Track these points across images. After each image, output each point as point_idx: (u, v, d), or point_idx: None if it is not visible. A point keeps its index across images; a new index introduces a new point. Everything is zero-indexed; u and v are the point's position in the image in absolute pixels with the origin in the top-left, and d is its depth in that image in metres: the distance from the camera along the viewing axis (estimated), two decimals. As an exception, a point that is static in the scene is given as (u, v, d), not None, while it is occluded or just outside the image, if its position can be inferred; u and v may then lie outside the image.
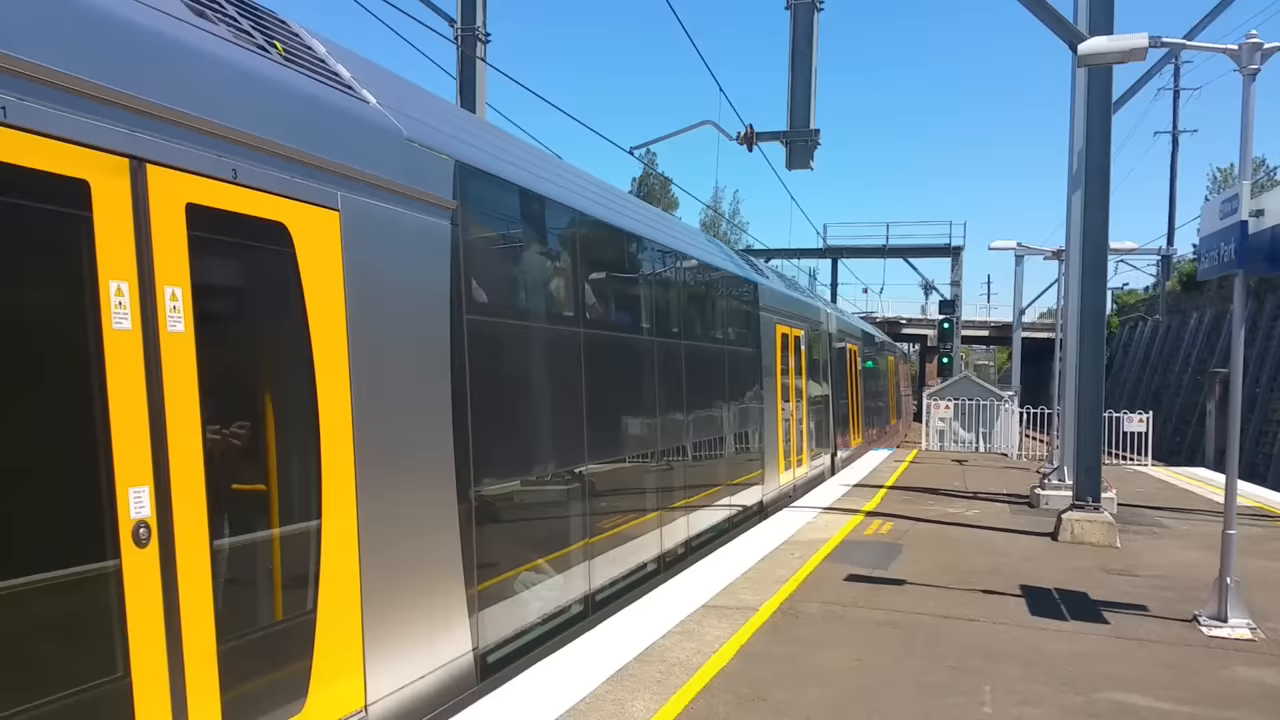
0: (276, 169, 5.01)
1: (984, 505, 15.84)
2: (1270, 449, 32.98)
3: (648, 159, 59.44)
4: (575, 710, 6.04)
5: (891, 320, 66.22)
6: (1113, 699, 6.53)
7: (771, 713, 6.13)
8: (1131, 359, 56.39)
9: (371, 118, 6.02)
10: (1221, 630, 8.28)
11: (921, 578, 10.00)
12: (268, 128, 4.97)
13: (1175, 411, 44.07)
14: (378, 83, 6.57)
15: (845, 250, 56.72)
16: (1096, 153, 12.85)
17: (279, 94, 5.20)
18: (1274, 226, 8.05)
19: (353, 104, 5.90)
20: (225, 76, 4.80)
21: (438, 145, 6.66)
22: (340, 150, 5.53)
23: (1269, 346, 35.55)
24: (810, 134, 17.75)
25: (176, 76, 4.47)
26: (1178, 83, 57.38)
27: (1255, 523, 14.30)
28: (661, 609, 8.60)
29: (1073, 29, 12.30)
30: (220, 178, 4.63)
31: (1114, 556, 11.53)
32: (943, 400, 30.08)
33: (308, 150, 5.24)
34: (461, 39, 15.80)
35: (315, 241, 5.27)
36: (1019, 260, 28.68)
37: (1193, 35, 15.61)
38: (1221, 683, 6.97)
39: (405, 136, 6.27)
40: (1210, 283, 40.33)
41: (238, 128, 4.75)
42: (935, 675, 6.95)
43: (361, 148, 5.75)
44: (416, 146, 6.36)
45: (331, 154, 5.43)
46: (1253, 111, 8.40)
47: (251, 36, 5.36)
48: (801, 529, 12.93)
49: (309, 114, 5.37)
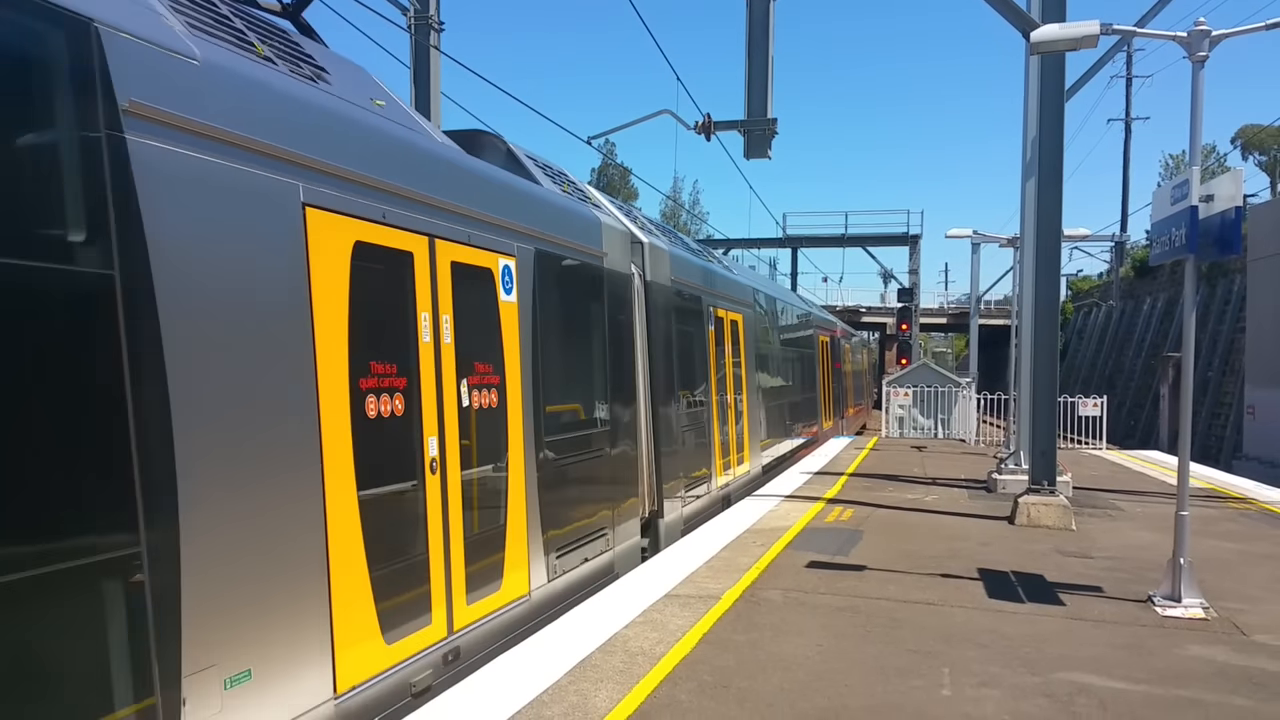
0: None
1: (942, 491, 15.99)
2: (1222, 432, 33.54)
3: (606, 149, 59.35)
4: (538, 701, 6.03)
5: (851, 308, 66.64)
6: (1069, 679, 6.61)
7: (734, 700, 6.15)
8: (1086, 344, 57.14)
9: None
10: (1175, 610, 8.41)
11: (881, 563, 10.07)
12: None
13: (1129, 395, 44.71)
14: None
15: (804, 240, 56.86)
16: (1050, 140, 12.98)
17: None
18: (1223, 212, 8.17)
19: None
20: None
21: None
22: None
23: (1221, 331, 36.14)
24: (767, 123, 17.74)
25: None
26: (1130, 70, 58.22)
27: (1208, 504, 14.55)
28: (624, 599, 8.60)
29: (1026, 17, 12.40)
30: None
31: (1070, 539, 11.68)
32: (902, 388, 30.32)
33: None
34: (415, 27, 15.64)
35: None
36: (975, 248, 28.90)
37: (1144, 23, 15.80)
38: (1175, 661, 7.08)
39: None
40: (1163, 268, 40.96)
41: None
42: (895, 659, 7.00)
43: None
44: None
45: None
46: (1202, 98, 8.51)
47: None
48: (763, 517, 12.98)
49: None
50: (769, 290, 22.68)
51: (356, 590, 5.73)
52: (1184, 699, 6.30)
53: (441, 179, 7.10)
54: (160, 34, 4.58)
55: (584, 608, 8.33)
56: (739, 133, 18.47)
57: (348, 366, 5.76)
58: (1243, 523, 13.12)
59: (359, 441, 5.80)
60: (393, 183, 6.39)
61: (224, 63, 4.99)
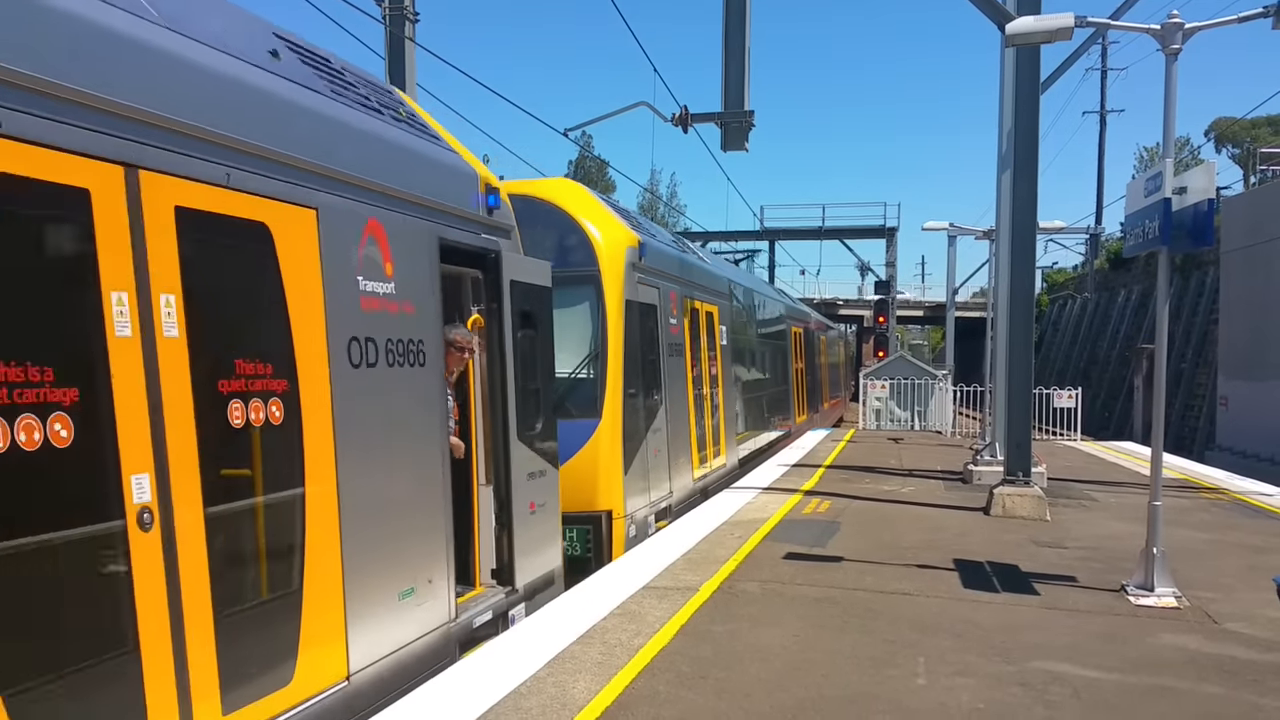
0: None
1: (919, 482, 16.06)
2: (1196, 423, 33.88)
3: (583, 141, 59.25)
4: (516, 693, 6.02)
5: (829, 301, 66.77)
6: (1043, 668, 6.66)
7: (712, 690, 6.16)
8: (1061, 336, 57.52)
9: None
10: (1148, 599, 8.48)
11: (858, 554, 10.11)
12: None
13: (1104, 387, 45.06)
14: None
15: (782, 232, 56.94)
16: (1025, 132, 13.05)
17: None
18: (1196, 204, 8.22)
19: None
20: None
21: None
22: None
23: (1194, 322, 36.48)
24: (744, 115, 17.74)
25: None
26: (1105, 63, 58.39)
27: (1181, 495, 14.68)
28: (602, 591, 8.60)
29: (1001, 9, 12.46)
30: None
31: (1044, 529, 11.76)
32: (879, 380, 30.45)
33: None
34: (390, 18, 15.55)
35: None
36: (952, 240, 28.96)
37: (1118, 16, 15.85)
38: (1148, 650, 7.15)
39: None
40: (1137, 260, 41.23)
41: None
42: (872, 649, 7.04)
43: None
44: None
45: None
46: (1175, 91, 8.58)
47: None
48: (741, 509, 13.00)
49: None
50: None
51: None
52: (1157, 687, 6.36)
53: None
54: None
55: (561, 600, 8.33)
56: (716, 125, 18.46)
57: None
58: (1215, 513, 13.24)
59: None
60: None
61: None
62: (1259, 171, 39.70)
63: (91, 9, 4.37)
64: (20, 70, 3.88)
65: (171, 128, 4.63)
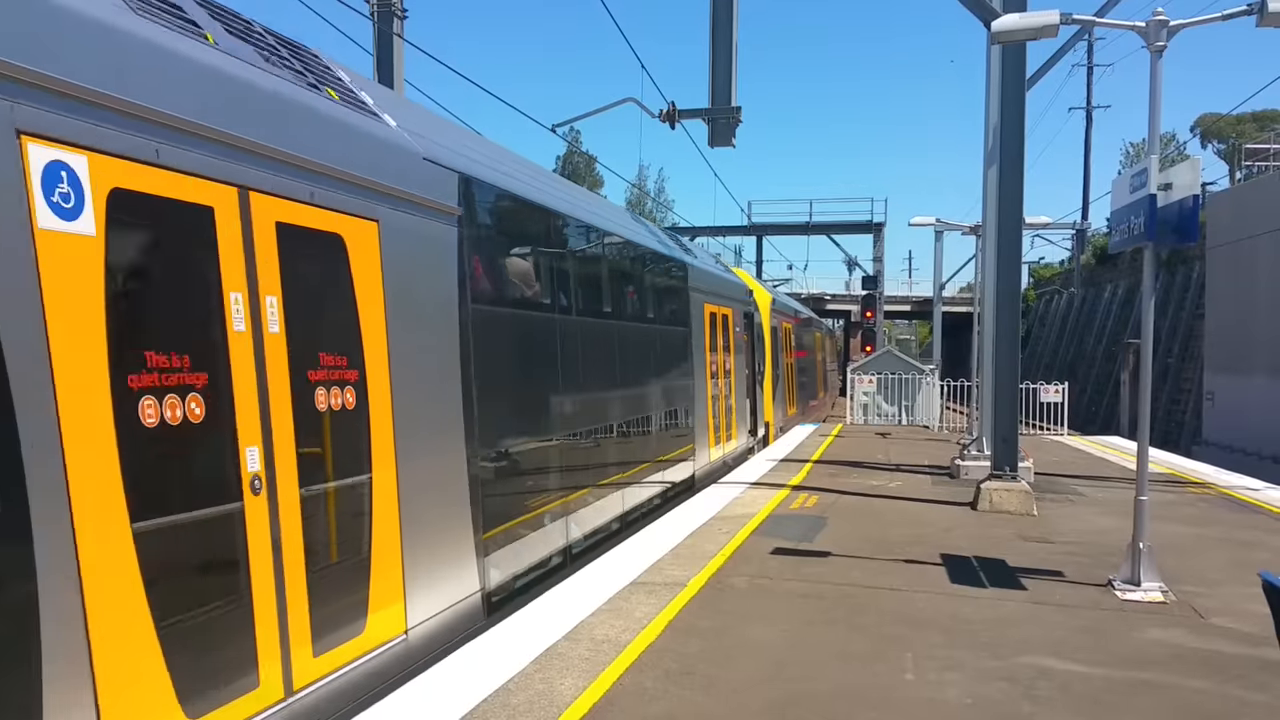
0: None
1: (906, 477, 16.11)
2: (1182, 417, 34.00)
3: (571, 137, 59.14)
4: (504, 690, 6.01)
5: (816, 296, 66.79)
6: (1031, 663, 6.68)
7: (700, 686, 6.16)
8: (1048, 331, 57.66)
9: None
10: (1135, 594, 8.52)
11: (846, 549, 10.13)
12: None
13: (1090, 382, 45.20)
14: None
15: (770, 228, 56.88)
16: (1011, 128, 13.07)
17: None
18: (1181, 200, 8.25)
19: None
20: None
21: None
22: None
23: (1180, 318, 36.61)
24: (732, 111, 17.77)
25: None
26: (1091, 59, 58.62)
27: (1168, 489, 14.74)
28: (589, 587, 8.59)
29: (987, 6, 12.48)
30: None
31: (1031, 524, 11.80)
32: (866, 375, 30.48)
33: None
34: (378, 14, 15.50)
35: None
36: (938, 236, 29.02)
37: (1103, 12, 15.91)
38: (1134, 644, 7.18)
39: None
40: (1123, 256, 41.37)
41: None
42: (860, 644, 7.05)
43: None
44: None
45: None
46: (1160, 87, 8.60)
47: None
48: (729, 504, 13.01)
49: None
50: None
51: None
52: (1143, 681, 6.39)
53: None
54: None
55: (548, 597, 8.32)
56: (703, 121, 18.48)
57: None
58: (1201, 507, 13.31)
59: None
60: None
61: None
62: (1244, 167, 39.83)
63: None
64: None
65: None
